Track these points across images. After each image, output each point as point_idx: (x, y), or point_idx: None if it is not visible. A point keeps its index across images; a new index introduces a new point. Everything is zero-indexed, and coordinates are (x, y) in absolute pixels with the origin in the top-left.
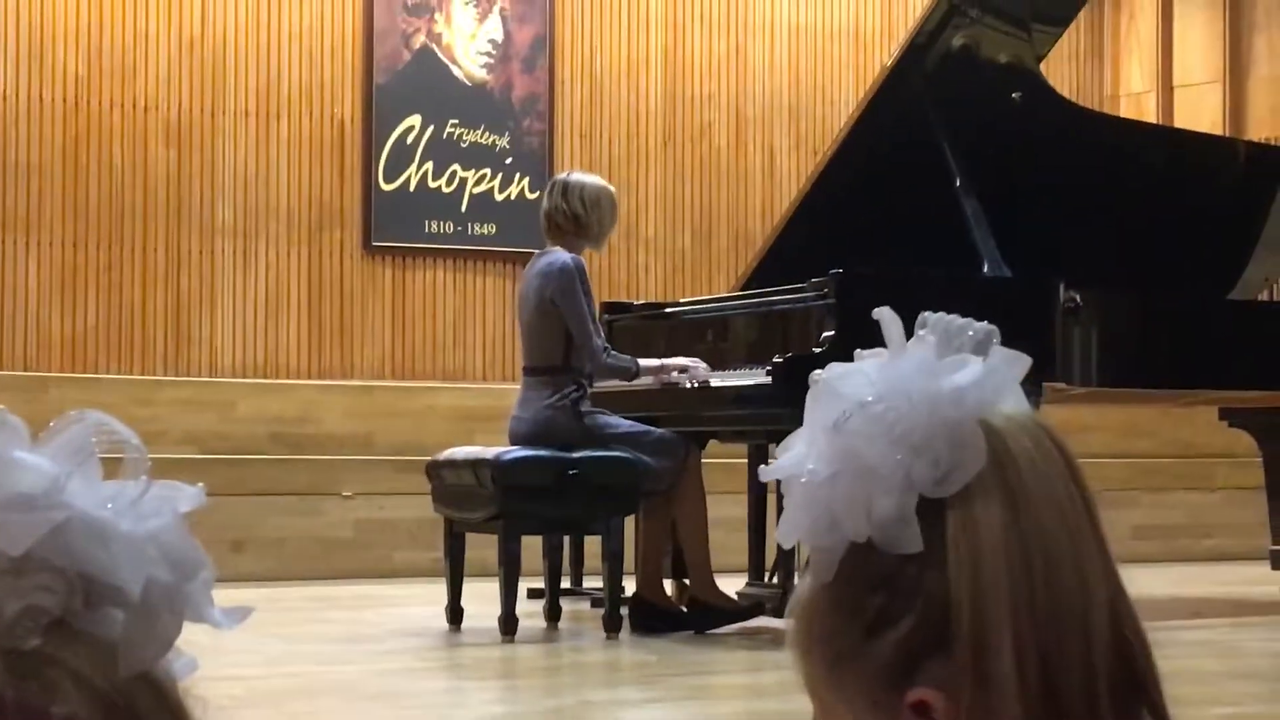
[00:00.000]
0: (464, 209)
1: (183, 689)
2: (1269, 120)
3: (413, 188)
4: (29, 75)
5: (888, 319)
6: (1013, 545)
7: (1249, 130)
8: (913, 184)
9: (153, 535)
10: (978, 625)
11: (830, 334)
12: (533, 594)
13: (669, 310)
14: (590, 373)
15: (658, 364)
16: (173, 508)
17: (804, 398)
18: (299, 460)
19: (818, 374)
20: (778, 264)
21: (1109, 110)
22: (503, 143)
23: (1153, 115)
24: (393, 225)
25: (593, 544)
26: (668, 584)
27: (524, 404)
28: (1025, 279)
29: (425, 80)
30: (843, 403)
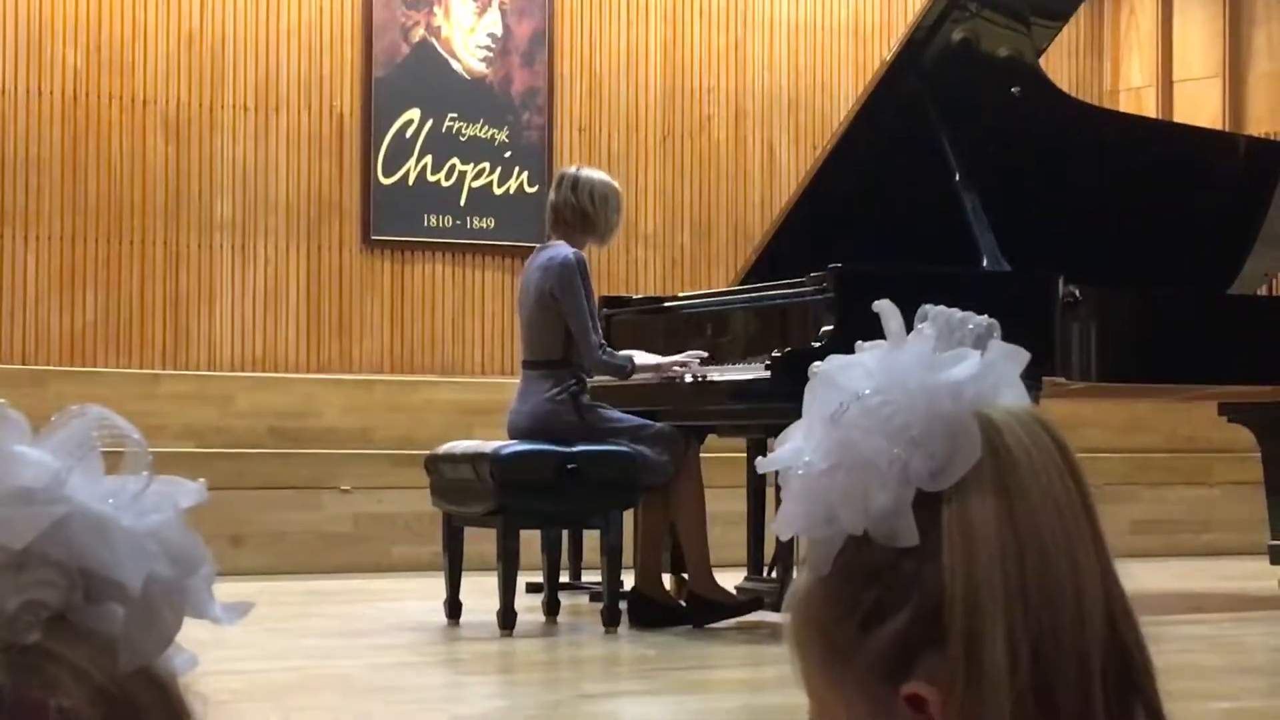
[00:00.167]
0: (463, 203)
1: (183, 684)
2: (1269, 115)
3: (412, 182)
4: (28, 69)
5: (887, 311)
6: (1007, 539)
7: (1249, 125)
8: (912, 179)
9: (154, 531)
10: (970, 618)
11: (829, 328)
12: (531, 588)
13: (668, 305)
14: (587, 368)
15: (654, 364)
16: (174, 503)
17: (803, 392)
18: (298, 454)
19: (817, 365)
20: (777, 259)
21: (1108, 105)
22: (502, 137)
23: (1152, 110)
24: (392, 219)
25: (591, 538)
26: (666, 578)
27: (523, 397)
28: (1024, 273)
29: (424, 74)
30: (841, 394)
